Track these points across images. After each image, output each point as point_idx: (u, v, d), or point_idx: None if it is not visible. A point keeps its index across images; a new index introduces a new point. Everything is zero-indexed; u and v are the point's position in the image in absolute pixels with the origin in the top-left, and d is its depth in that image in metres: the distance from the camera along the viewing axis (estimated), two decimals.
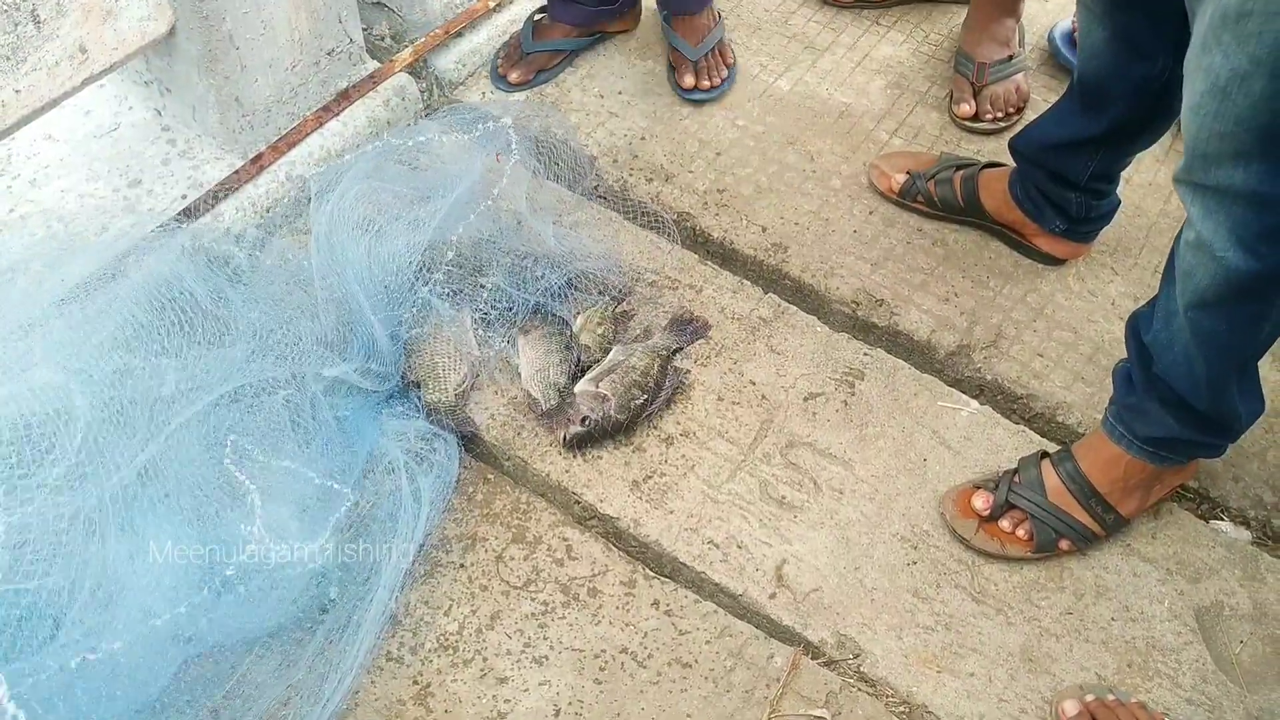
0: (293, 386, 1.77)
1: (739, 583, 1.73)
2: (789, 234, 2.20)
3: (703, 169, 2.30)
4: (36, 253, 1.90)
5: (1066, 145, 1.93)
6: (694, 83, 2.42)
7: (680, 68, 2.44)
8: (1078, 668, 1.67)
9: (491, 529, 1.77)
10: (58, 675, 1.40)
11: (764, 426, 1.91)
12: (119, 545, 1.55)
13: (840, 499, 1.83)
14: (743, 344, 2.02)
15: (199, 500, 1.64)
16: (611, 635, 1.67)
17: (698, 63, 2.42)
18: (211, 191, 2.03)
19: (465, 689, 1.61)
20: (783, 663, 1.65)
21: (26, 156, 2.06)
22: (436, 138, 2.11)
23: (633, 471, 1.84)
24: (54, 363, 1.71)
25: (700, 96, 2.43)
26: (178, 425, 1.70)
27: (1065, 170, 1.96)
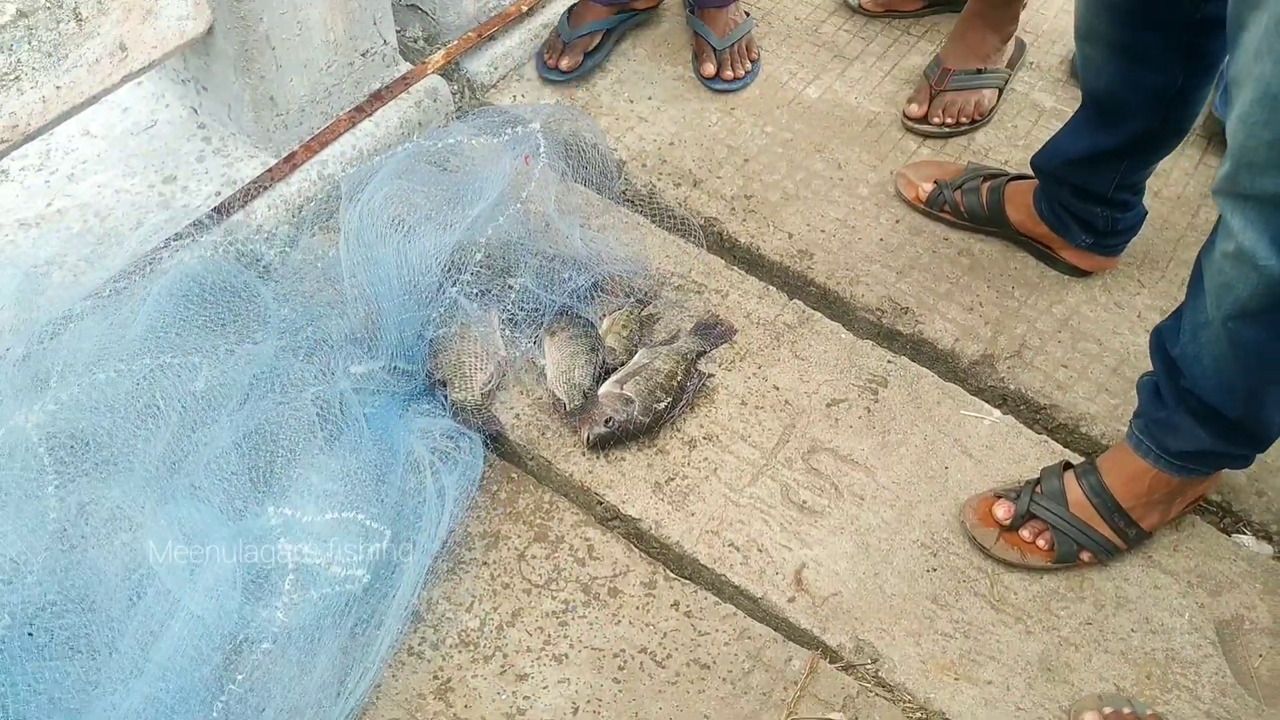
0: (321, 383, 1.79)
1: (759, 586, 1.74)
2: (815, 241, 2.21)
3: (730, 174, 2.32)
4: (73, 247, 1.94)
5: (1087, 159, 1.93)
6: (715, 71, 2.46)
7: (703, 55, 2.48)
8: (1096, 678, 1.67)
9: (514, 527, 1.79)
10: None
11: (786, 431, 1.92)
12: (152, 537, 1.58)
13: (861, 505, 1.84)
14: (767, 349, 2.03)
15: (229, 495, 1.67)
16: (631, 635, 1.68)
17: (721, 53, 2.45)
18: (245, 189, 2.06)
19: (485, 685, 1.62)
20: (801, 666, 1.66)
21: (65, 152, 2.09)
22: (466, 140, 2.13)
23: (655, 473, 1.85)
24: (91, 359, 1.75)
25: (721, 86, 2.47)
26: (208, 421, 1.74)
27: (1090, 184, 1.97)
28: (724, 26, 2.47)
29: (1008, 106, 2.50)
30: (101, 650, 1.48)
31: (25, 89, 1.69)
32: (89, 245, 1.94)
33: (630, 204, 2.27)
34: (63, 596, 1.51)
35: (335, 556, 1.65)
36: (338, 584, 1.63)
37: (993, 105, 2.44)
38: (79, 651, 1.44)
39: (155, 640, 1.48)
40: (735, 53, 2.47)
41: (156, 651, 1.46)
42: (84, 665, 1.43)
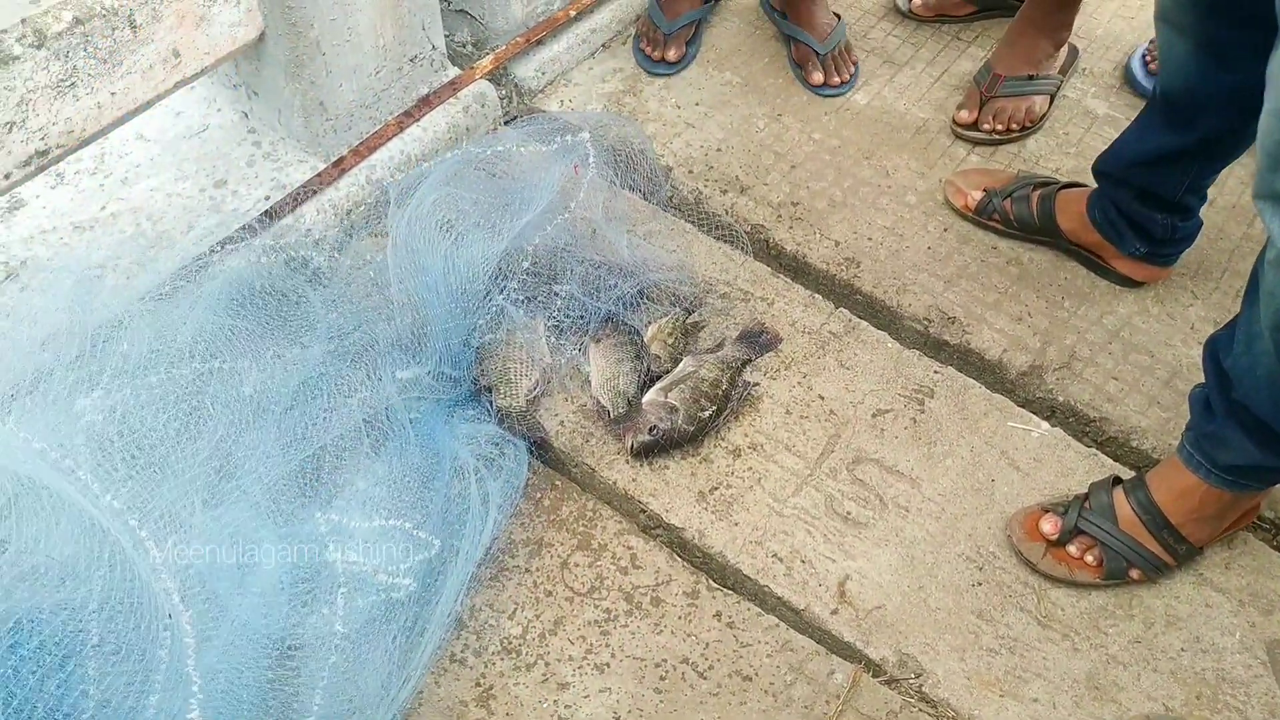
0: (369, 388, 1.80)
1: (802, 597, 1.73)
2: (862, 249, 2.19)
3: (778, 181, 2.31)
4: (126, 249, 1.96)
5: (1156, 160, 1.90)
6: (823, 79, 2.47)
7: (808, 64, 2.48)
8: (1145, 697, 1.65)
9: (558, 535, 1.79)
10: None
11: (831, 441, 1.91)
12: (199, 540, 1.60)
13: (906, 517, 1.82)
14: (812, 358, 2.02)
15: (277, 499, 1.68)
16: (673, 645, 1.68)
17: (825, 58, 2.45)
18: (294, 193, 2.07)
19: (527, 693, 1.63)
20: (843, 679, 1.65)
21: (119, 155, 2.12)
22: (515, 147, 2.14)
23: (699, 482, 1.85)
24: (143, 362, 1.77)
25: (830, 93, 2.48)
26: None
27: (1157, 187, 1.93)
28: (823, 30, 2.48)
29: (1059, 113, 2.47)
30: (150, 652, 1.50)
31: (81, 95, 1.71)
32: (141, 248, 1.96)
33: (676, 210, 2.27)
34: (112, 598, 1.53)
35: (381, 563, 1.66)
36: (383, 591, 1.64)
37: (1044, 112, 2.41)
38: (130, 653, 1.46)
39: (204, 644, 1.49)
40: (838, 56, 2.48)
41: (205, 655, 1.47)
42: (134, 666, 1.44)
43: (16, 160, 1.68)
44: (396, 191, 2.03)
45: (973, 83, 2.43)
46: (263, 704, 1.48)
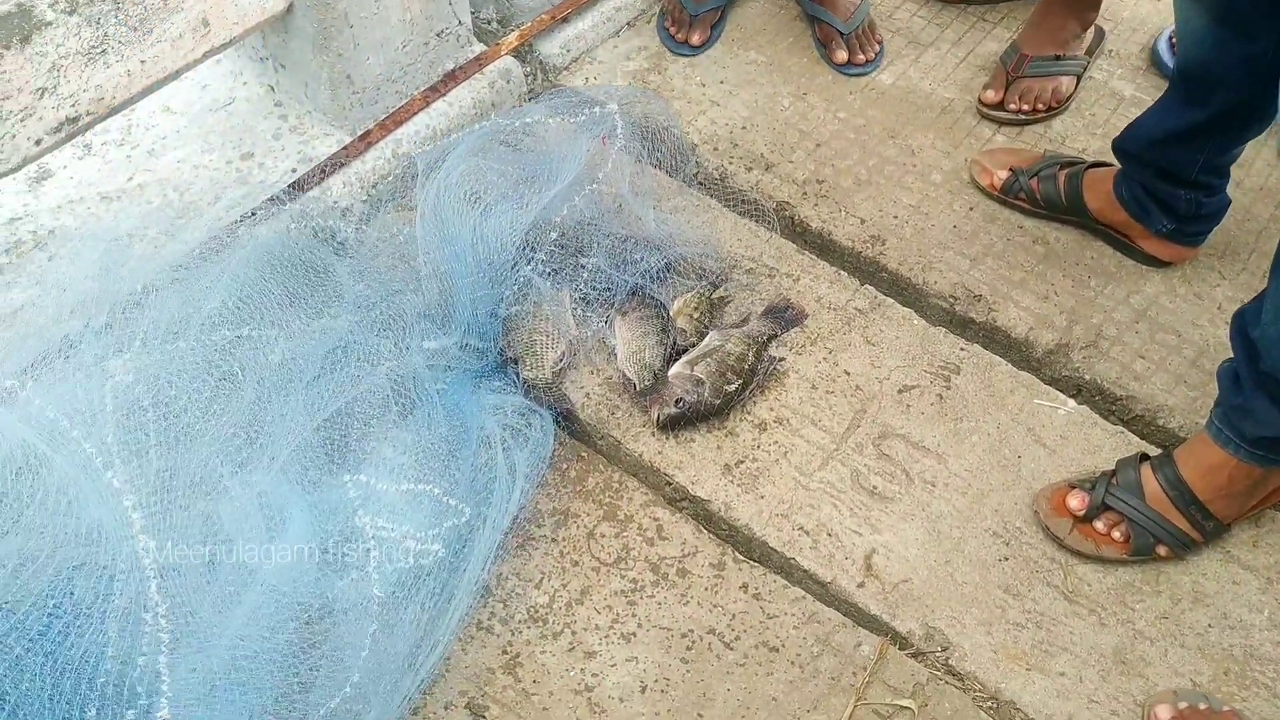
0: (396, 358, 1.81)
1: (828, 570, 1.73)
2: (888, 226, 2.19)
3: (803, 159, 2.30)
4: (153, 220, 1.96)
5: (1174, 138, 1.90)
6: (847, 58, 2.47)
7: (831, 42, 2.48)
8: (1172, 673, 1.65)
9: (584, 505, 1.79)
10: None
11: (857, 416, 1.91)
12: (229, 507, 1.60)
13: (932, 491, 1.82)
14: (838, 334, 2.02)
15: (305, 466, 1.68)
16: (699, 616, 1.68)
17: (849, 37, 2.45)
18: (320, 166, 2.08)
19: (553, 661, 1.63)
20: (870, 651, 1.65)
21: (146, 127, 2.12)
22: (543, 120, 2.14)
23: (725, 455, 1.85)
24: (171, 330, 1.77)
25: (855, 72, 2.48)
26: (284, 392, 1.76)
27: (1174, 165, 1.93)
28: (846, 9, 2.47)
29: (1085, 94, 2.46)
30: (180, 615, 1.50)
31: (111, 62, 1.71)
32: (168, 219, 1.97)
33: (702, 187, 2.26)
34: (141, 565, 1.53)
35: (409, 530, 1.66)
36: (412, 557, 1.64)
37: (1070, 93, 2.40)
38: (160, 616, 1.46)
39: (233, 607, 1.50)
40: (862, 35, 2.48)
41: (234, 618, 1.48)
42: (166, 629, 1.45)
43: (47, 126, 1.68)
44: (425, 163, 2.03)
45: (999, 63, 2.42)
46: (293, 668, 1.48)
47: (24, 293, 1.85)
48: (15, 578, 1.44)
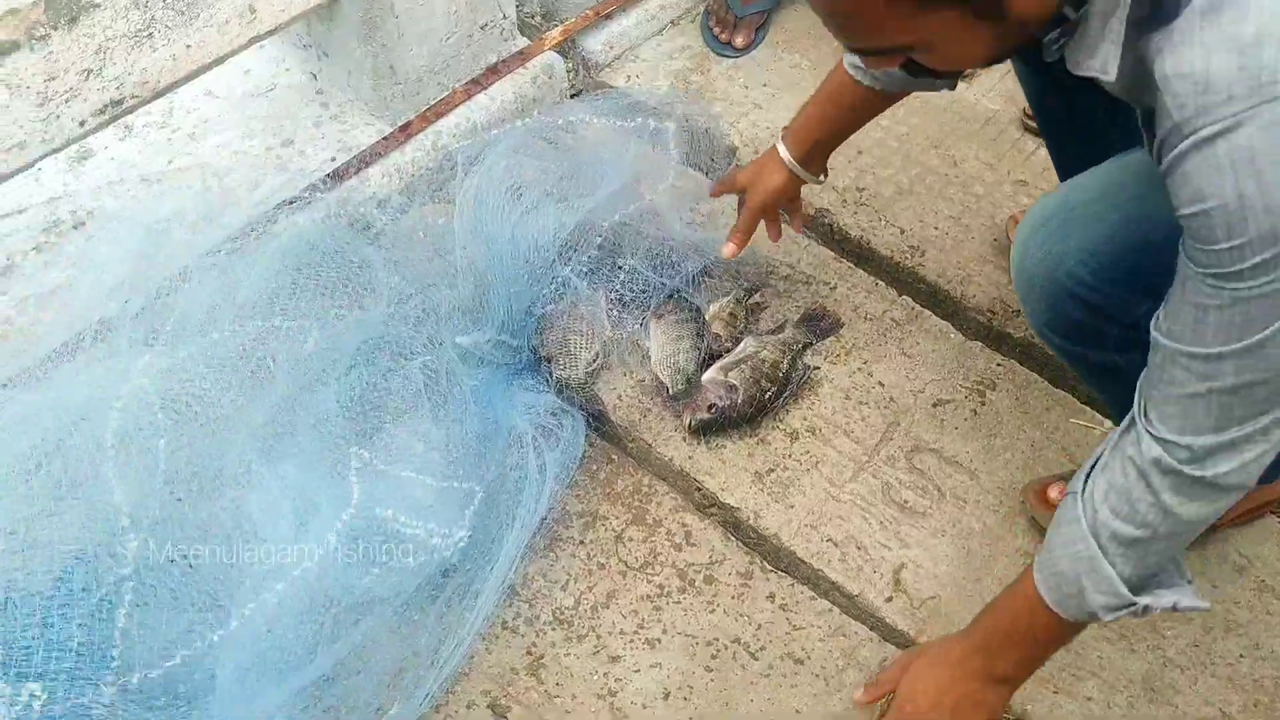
0: (429, 352, 1.80)
1: (856, 583, 1.71)
2: (927, 237, 2.17)
3: (843, 167, 2.28)
4: (192, 204, 1.96)
5: None
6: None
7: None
8: (1201, 702, 1.62)
9: (613, 508, 1.78)
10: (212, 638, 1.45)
11: (890, 429, 1.89)
12: (258, 497, 1.60)
13: (964, 508, 1.80)
14: (873, 344, 2.00)
15: (335, 459, 1.68)
16: (725, 624, 1.67)
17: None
18: (360, 156, 2.07)
19: (577, 664, 1.62)
20: None
21: (187, 111, 2.12)
22: (587, 119, 2.13)
23: (756, 463, 1.83)
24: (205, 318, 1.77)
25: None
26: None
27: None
28: None
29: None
30: (205, 604, 1.50)
31: (157, 46, 1.71)
32: (207, 203, 1.96)
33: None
34: (171, 549, 1.53)
35: (435, 526, 1.65)
36: (437, 552, 1.64)
37: None
38: (186, 605, 1.46)
39: (258, 597, 1.49)
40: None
41: (261, 608, 1.47)
42: (191, 618, 1.45)
43: (92, 108, 1.68)
44: (465, 157, 2.01)
45: None
46: (318, 660, 1.48)
47: (61, 273, 1.85)
48: (35, 559, 1.44)
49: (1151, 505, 1.19)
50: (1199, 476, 1.15)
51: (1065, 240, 1.46)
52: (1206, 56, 0.96)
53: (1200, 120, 0.96)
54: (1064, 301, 1.48)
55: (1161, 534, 1.20)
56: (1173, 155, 1.00)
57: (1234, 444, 1.13)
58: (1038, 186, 2.25)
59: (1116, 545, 1.23)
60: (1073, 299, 1.47)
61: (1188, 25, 0.98)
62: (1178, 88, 0.98)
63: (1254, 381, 1.08)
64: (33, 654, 1.35)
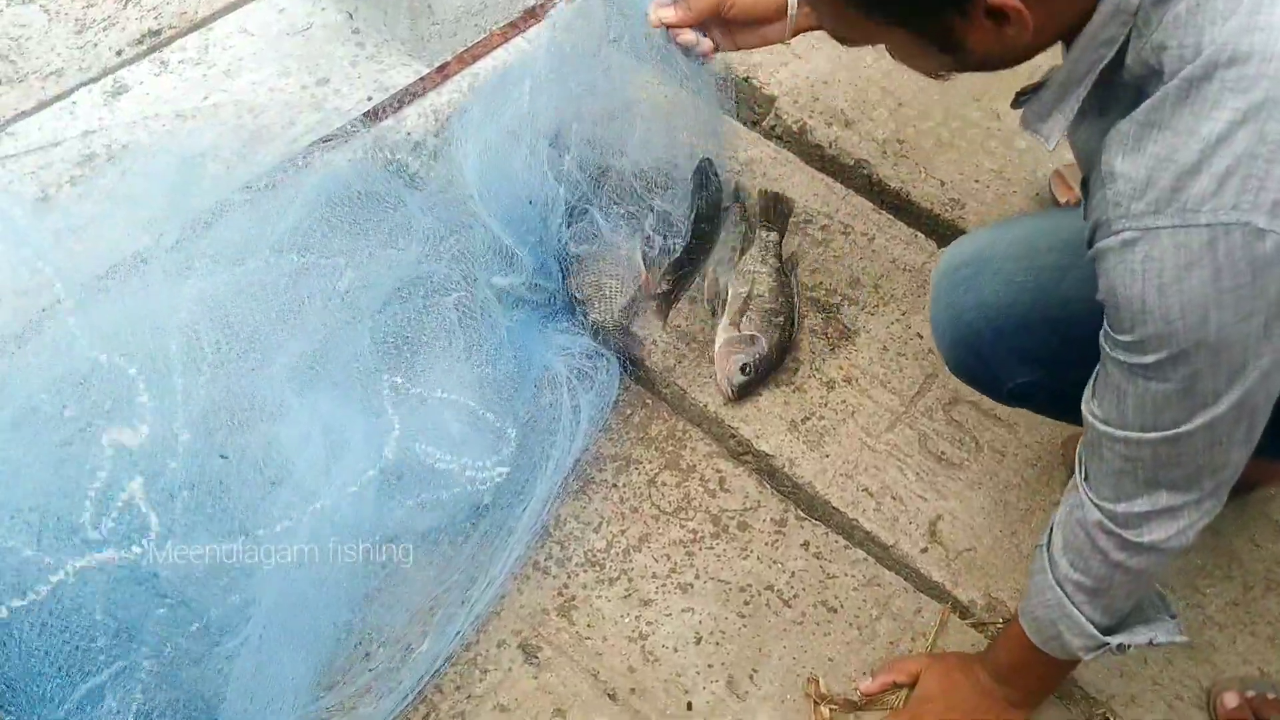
0: (464, 289, 1.78)
1: (891, 534, 1.69)
2: (968, 191, 2.13)
3: (884, 118, 2.25)
4: (227, 140, 1.94)
5: None
6: None
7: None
8: (1240, 660, 1.60)
9: (646, 453, 1.77)
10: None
11: (928, 380, 1.87)
12: (290, 428, 1.59)
13: (1001, 461, 1.78)
14: (911, 296, 1.97)
15: (368, 394, 1.67)
16: (759, 571, 1.66)
17: None
18: (396, 96, 2.05)
19: (609, 606, 1.61)
20: (930, 618, 1.62)
21: (222, 48, 2.10)
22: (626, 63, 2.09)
23: (791, 411, 1.81)
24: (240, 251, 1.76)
25: None
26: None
27: None
28: None
29: None
30: (236, 534, 1.49)
31: None
32: (242, 140, 1.95)
33: (779, 140, 2.22)
34: (202, 480, 1.52)
35: (470, 460, 1.64)
36: (472, 487, 1.62)
37: None
38: (220, 536, 1.45)
39: (292, 531, 1.48)
40: None
41: (292, 540, 1.46)
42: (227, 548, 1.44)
43: (130, 37, 1.68)
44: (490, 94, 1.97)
45: None
46: (347, 594, 1.47)
47: (95, 205, 1.83)
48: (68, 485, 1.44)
49: (1102, 562, 1.23)
50: (1138, 542, 1.19)
51: (971, 292, 1.51)
52: (1150, 167, 1.00)
53: (1128, 223, 1.01)
54: (962, 348, 1.55)
55: (1118, 583, 1.25)
56: (1099, 246, 1.05)
57: (1168, 511, 1.17)
58: None
59: (1080, 594, 1.28)
60: (969, 349, 1.54)
61: (1149, 120, 1.01)
62: (1120, 187, 1.02)
63: (1173, 465, 1.13)
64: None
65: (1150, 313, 1.01)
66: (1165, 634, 1.33)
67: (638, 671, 1.55)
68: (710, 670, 1.56)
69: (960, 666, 1.50)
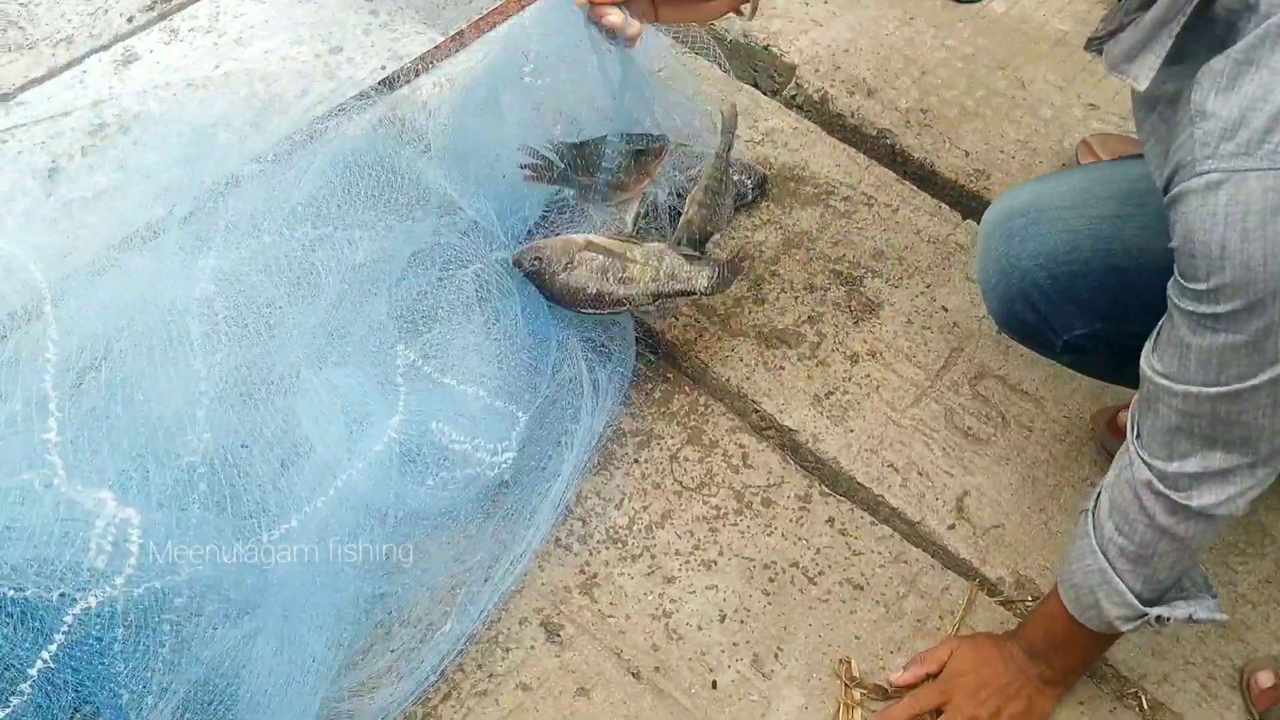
0: (480, 262, 1.75)
1: (917, 510, 1.66)
2: (993, 161, 2.10)
3: (907, 87, 2.21)
4: (239, 110, 1.91)
5: None
6: None
7: None
8: (1273, 638, 1.57)
9: (668, 428, 1.74)
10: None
11: (954, 354, 1.83)
12: (306, 403, 1.56)
13: (1029, 436, 1.75)
14: (936, 268, 1.94)
15: (386, 369, 1.64)
16: (783, 548, 1.63)
17: None
18: (411, 64, 2.02)
19: (632, 584, 1.58)
20: (958, 596, 1.59)
21: (234, 15, 2.07)
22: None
23: (815, 385, 1.78)
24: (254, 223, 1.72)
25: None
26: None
27: None
28: None
29: None
30: (254, 511, 1.47)
31: None
32: (254, 110, 1.92)
33: (799, 109, 2.18)
34: (219, 456, 1.50)
35: (482, 442, 1.61)
36: (484, 468, 1.59)
37: None
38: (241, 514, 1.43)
39: (309, 506, 1.46)
40: None
41: (311, 518, 1.44)
42: (244, 524, 1.42)
43: (140, 3, 1.65)
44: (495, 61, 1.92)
45: None
46: (367, 571, 1.45)
47: (107, 176, 1.81)
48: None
49: (1147, 526, 1.21)
50: (1186, 505, 1.17)
51: (1028, 241, 1.47)
52: (1244, 107, 0.97)
53: (1215, 164, 0.99)
54: (1016, 301, 1.51)
55: (1162, 551, 1.23)
56: (1179, 189, 1.03)
57: (1220, 475, 1.15)
58: (1110, 110, 2.17)
59: (1124, 561, 1.26)
60: (1025, 301, 1.49)
61: (1245, 59, 0.98)
62: (1209, 126, 0.99)
63: (1232, 423, 1.10)
64: None
65: (1230, 259, 0.99)
66: (1205, 611, 1.31)
67: (661, 650, 1.53)
68: (735, 649, 1.53)
69: (993, 643, 1.48)
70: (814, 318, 1.87)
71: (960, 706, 1.44)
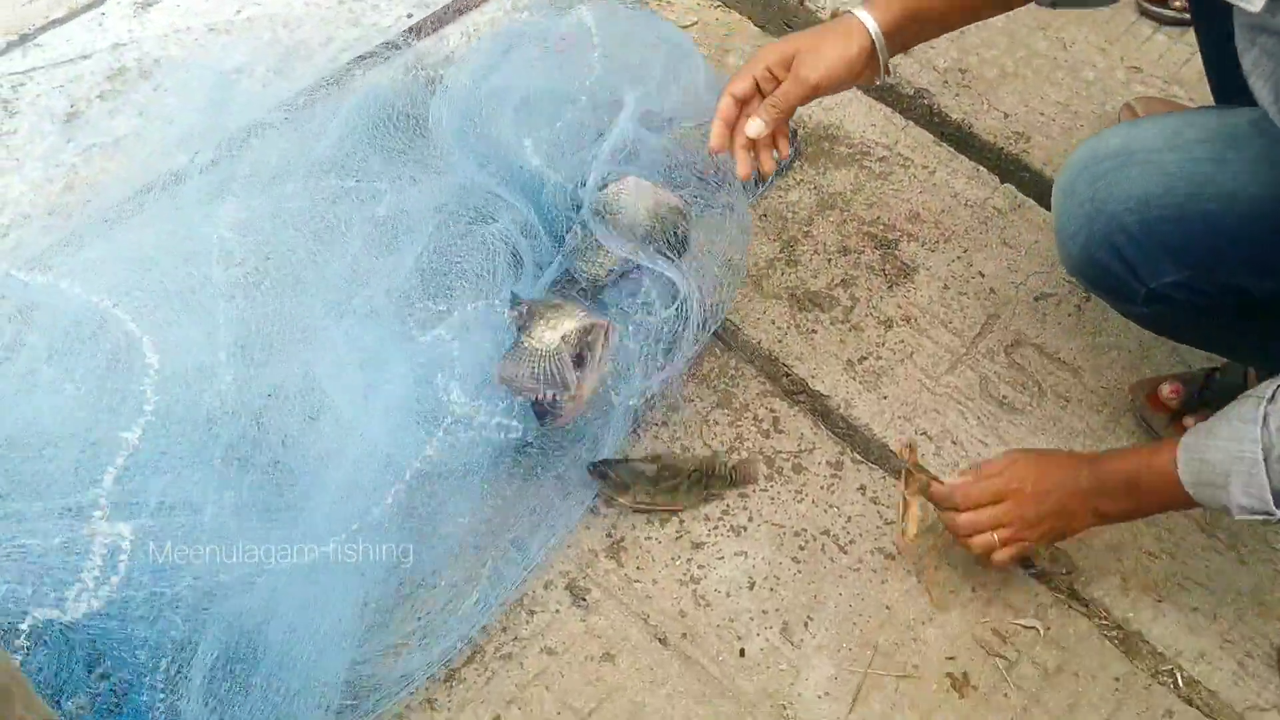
0: (507, 217, 1.71)
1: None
2: (1033, 123, 2.04)
3: (944, 46, 2.15)
4: (262, 57, 1.88)
5: None
6: None
7: None
8: None
9: (697, 390, 1.70)
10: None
11: (990, 321, 1.79)
12: (326, 355, 1.53)
13: (1065, 407, 1.71)
14: (973, 232, 1.89)
15: (408, 323, 1.60)
16: (814, 515, 1.60)
17: None
18: (437, 14, 1.97)
19: (659, 548, 1.55)
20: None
21: None
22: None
23: (848, 350, 1.74)
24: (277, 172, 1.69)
25: None
26: None
27: None
28: None
29: None
30: (278, 470, 1.44)
31: None
32: (277, 56, 1.89)
33: None
34: (242, 409, 1.47)
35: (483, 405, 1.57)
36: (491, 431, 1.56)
37: None
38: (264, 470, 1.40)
39: (332, 460, 1.43)
40: None
41: (335, 471, 1.41)
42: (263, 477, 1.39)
43: None
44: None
45: None
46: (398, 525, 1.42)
47: (127, 121, 1.77)
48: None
49: None
50: None
51: (1118, 184, 1.40)
52: None
53: None
54: (1100, 246, 1.43)
55: None
56: None
57: None
58: (1153, 74, 2.11)
59: None
60: (1110, 248, 1.42)
61: None
62: None
63: None
64: None
65: None
66: None
67: (689, 616, 1.50)
68: (764, 616, 1.50)
69: (1061, 462, 1.43)
70: (847, 281, 1.83)
71: (1012, 511, 1.41)
